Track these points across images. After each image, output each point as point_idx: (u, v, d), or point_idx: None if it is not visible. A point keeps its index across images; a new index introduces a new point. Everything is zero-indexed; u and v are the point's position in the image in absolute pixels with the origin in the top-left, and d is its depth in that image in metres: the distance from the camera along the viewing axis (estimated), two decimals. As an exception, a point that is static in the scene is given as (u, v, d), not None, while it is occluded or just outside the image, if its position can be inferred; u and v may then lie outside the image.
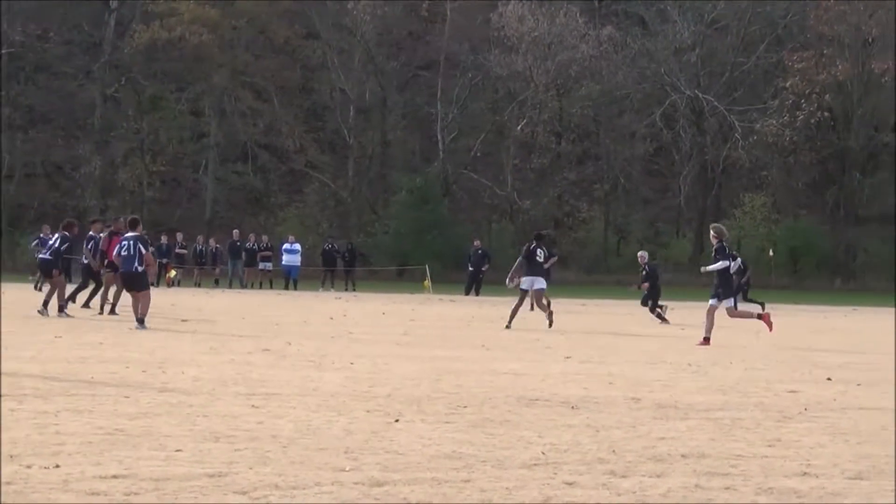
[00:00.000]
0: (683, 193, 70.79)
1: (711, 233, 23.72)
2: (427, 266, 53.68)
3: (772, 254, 56.69)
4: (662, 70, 70.37)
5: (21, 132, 68.59)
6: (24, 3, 69.09)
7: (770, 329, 23.55)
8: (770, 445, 9.95)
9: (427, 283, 51.64)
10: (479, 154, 71.63)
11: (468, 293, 48.25)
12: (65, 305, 26.25)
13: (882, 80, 67.28)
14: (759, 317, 23.74)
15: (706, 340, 22.39)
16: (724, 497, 7.78)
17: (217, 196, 71.06)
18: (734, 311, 23.31)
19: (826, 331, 30.48)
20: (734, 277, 39.59)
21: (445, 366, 16.30)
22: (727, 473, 8.57)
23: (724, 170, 71.04)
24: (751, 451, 9.57)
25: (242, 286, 50.59)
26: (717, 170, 70.78)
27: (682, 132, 70.81)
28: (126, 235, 24.49)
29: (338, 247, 54.75)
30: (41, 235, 39.98)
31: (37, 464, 8.19)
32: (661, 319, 31.12)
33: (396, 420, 10.82)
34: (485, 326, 26.98)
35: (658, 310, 31.66)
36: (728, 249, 23.52)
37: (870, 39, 67.94)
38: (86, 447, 8.90)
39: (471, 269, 49.29)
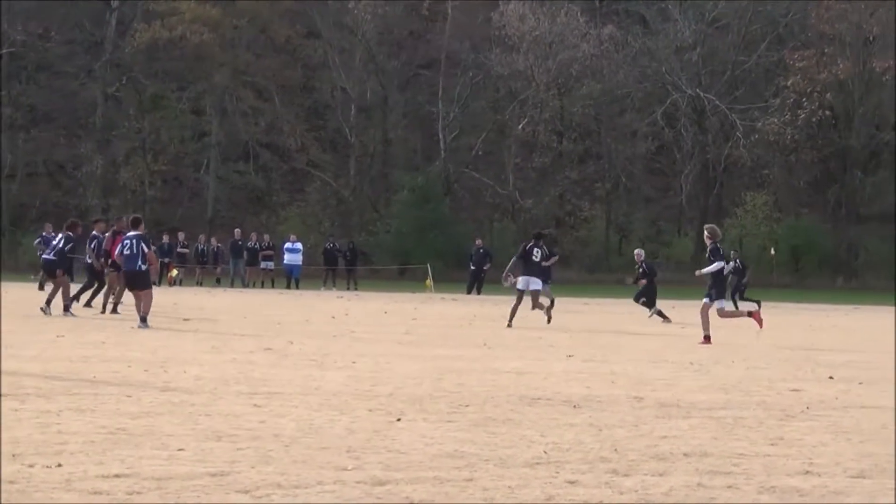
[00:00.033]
0: (685, 192, 70.74)
1: (705, 233, 23.84)
2: (429, 265, 53.66)
3: (773, 252, 56.65)
4: (664, 69, 70.32)
5: (23, 131, 68.58)
6: (26, 3, 69.11)
7: (760, 326, 23.52)
8: (772, 444, 9.95)
9: (429, 282, 51.61)
10: (481, 153, 71.60)
11: (470, 292, 48.22)
12: (70, 305, 26.23)
13: (883, 79, 67.22)
14: (750, 314, 23.71)
15: (707, 339, 22.40)
16: (727, 496, 7.79)
17: (218, 195, 71.07)
18: (724, 312, 23.30)
19: (828, 329, 30.48)
20: (733, 278, 39.86)
21: (447, 365, 16.30)
22: (729, 472, 8.57)
23: (726, 168, 71.00)
24: (753, 450, 9.57)
25: (244, 285, 50.58)
26: (719, 168, 70.73)
27: (684, 131, 70.77)
28: (128, 234, 24.49)
29: (339, 246, 54.71)
30: (44, 234, 39.91)
31: (39, 463, 8.20)
32: (663, 317, 31.10)
33: (398, 419, 10.82)
34: (486, 325, 26.97)
35: (657, 308, 31.69)
36: (721, 250, 23.51)
37: (871, 38, 67.89)
38: (88, 446, 8.90)
39: (472, 268, 49.26)
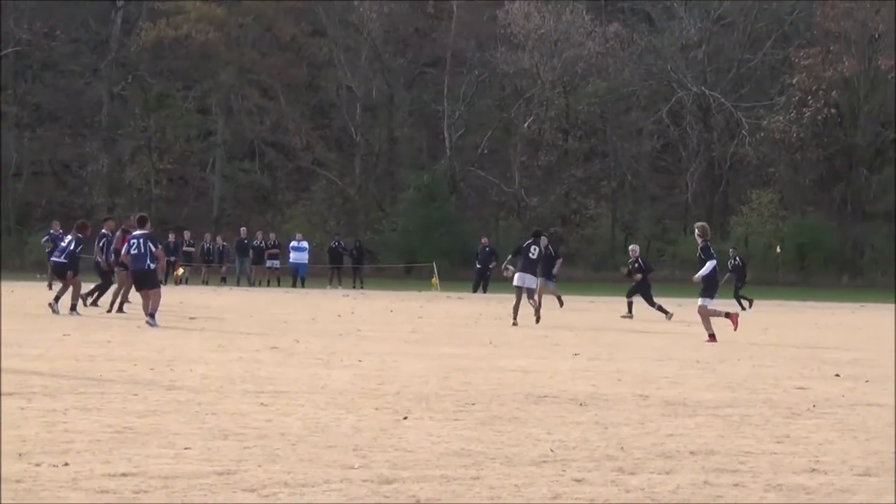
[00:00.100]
0: (690, 190, 70.65)
1: (696, 231, 23.70)
2: (434, 263, 53.63)
3: (779, 250, 56.64)
4: (669, 67, 70.30)
5: (28, 130, 68.67)
6: (32, 2, 69.15)
7: (734, 328, 23.20)
8: (778, 442, 9.95)
9: (435, 281, 51.59)
10: (487, 151, 71.57)
11: (476, 290, 48.21)
12: (76, 304, 26.20)
13: (889, 77, 67.12)
14: (727, 315, 23.39)
15: (712, 337, 22.38)
16: (733, 494, 7.78)
17: (224, 194, 71.11)
18: (704, 310, 23.11)
19: (833, 327, 30.45)
20: (731, 275, 39.86)
21: (453, 363, 16.30)
22: (736, 470, 8.57)
23: (732, 166, 70.96)
24: (759, 448, 9.57)
25: (250, 284, 50.59)
26: (725, 166, 70.69)
27: (689, 129, 70.74)
28: (134, 234, 24.48)
29: (345, 244, 54.71)
30: (51, 231, 39.93)
31: (46, 462, 8.21)
32: (664, 312, 31.12)
33: (405, 417, 10.83)
34: (492, 324, 26.97)
35: (658, 304, 31.75)
36: (712, 248, 23.47)
37: (876, 36, 67.82)
38: (94, 445, 8.91)
39: (478, 267, 49.24)
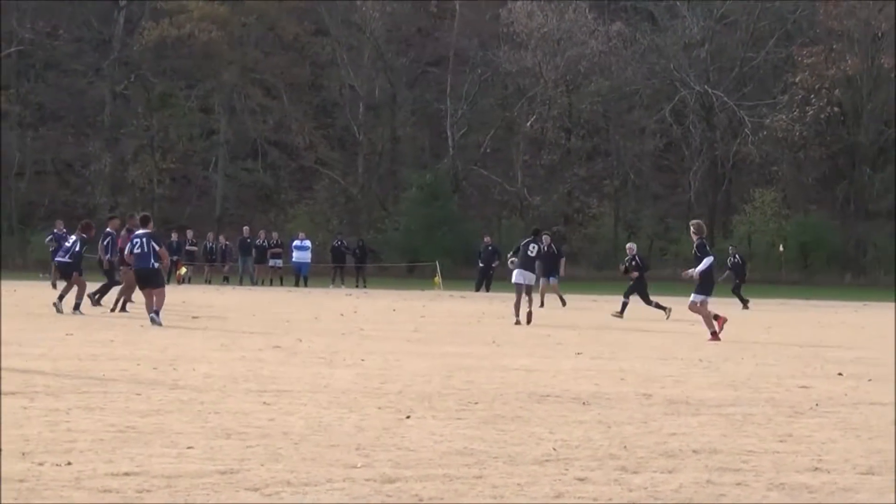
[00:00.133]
0: (693, 189, 70.61)
1: (691, 229, 23.70)
2: (437, 262, 53.63)
3: (782, 249, 56.60)
4: (672, 66, 70.28)
5: (31, 130, 68.69)
6: (35, 1, 69.18)
7: (721, 330, 22.67)
8: (781, 441, 9.95)
9: (437, 280, 51.59)
10: (489, 150, 71.56)
11: (478, 289, 48.22)
12: (80, 304, 26.18)
13: (891, 75, 67.12)
14: (716, 318, 23.16)
15: (715, 335, 22.36)
16: (736, 492, 7.78)
17: (227, 193, 71.13)
18: (695, 307, 23.06)
19: (836, 326, 30.44)
20: (730, 273, 39.90)
21: (456, 362, 16.29)
22: (739, 469, 8.57)
23: (734, 165, 70.93)
24: (762, 447, 9.57)
25: (253, 283, 50.60)
26: (727, 165, 70.67)
27: (692, 128, 70.70)
28: (137, 233, 24.46)
29: (347, 243, 54.71)
30: (55, 231, 39.90)
31: (49, 461, 8.21)
32: (662, 308, 31.18)
33: (408, 416, 10.83)
34: (495, 323, 26.96)
35: (655, 301, 31.83)
36: (707, 245, 23.45)
37: (879, 34, 67.78)
38: (97, 444, 8.91)
39: (481, 266, 49.24)
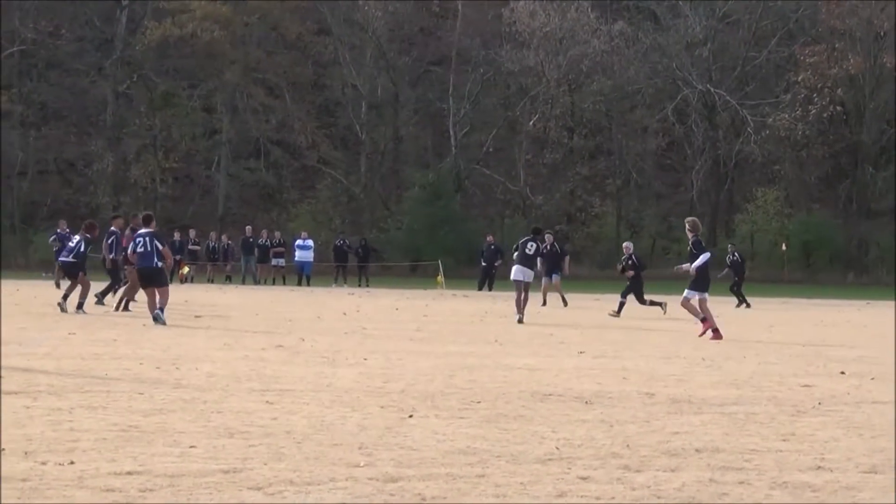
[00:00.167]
0: (696, 188, 70.60)
1: (687, 226, 23.74)
2: (440, 261, 53.64)
3: (784, 248, 56.58)
4: (674, 65, 70.27)
5: (33, 129, 68.72)
6: (37, 1, 69.22)
7: (700, 335, 22.56)
8: (784, 440, 9.94)
9: (440, 279, 51.56)
10: (492, 149, 71.59)
11: (481, 288, 48.22)
12: (83, 303, 26.19)
13: (893, 74, 67.09)
14: (703, 320, 22.83)
15: (717, 333, 22.34)
16: (739, 491, 7.78)
17: (229, 192, 71.16)
18: (687, 303, 23.06)
19: (839, 325, 30.40)
20: (729, 271, 39.91)
21: (459, 361, 16.29)
22: (741, 468, 8.57)
23: (737, 164, 70.95)
24: (765, 446, 9.56)
25: (255, 282, 50.64)
26: (730, 164, 70.66)
27: (695, 127, 70.68)
28: (140, 232, 24.47)
29: (350, 243, 54.70)
30: (58, 230, 39.88)
31: (52, 460, 8.21)
32: (657, 304, 31.24)
33: (410, 416, 10.82)
34: (498, 322, 26.96)
35: (649, 299, 31.93)
36: (703, 242, 23.49)
37: (881, 33, 67.76)
38: (100, 444, 8.91)
39: (484, 265, 49.25)
